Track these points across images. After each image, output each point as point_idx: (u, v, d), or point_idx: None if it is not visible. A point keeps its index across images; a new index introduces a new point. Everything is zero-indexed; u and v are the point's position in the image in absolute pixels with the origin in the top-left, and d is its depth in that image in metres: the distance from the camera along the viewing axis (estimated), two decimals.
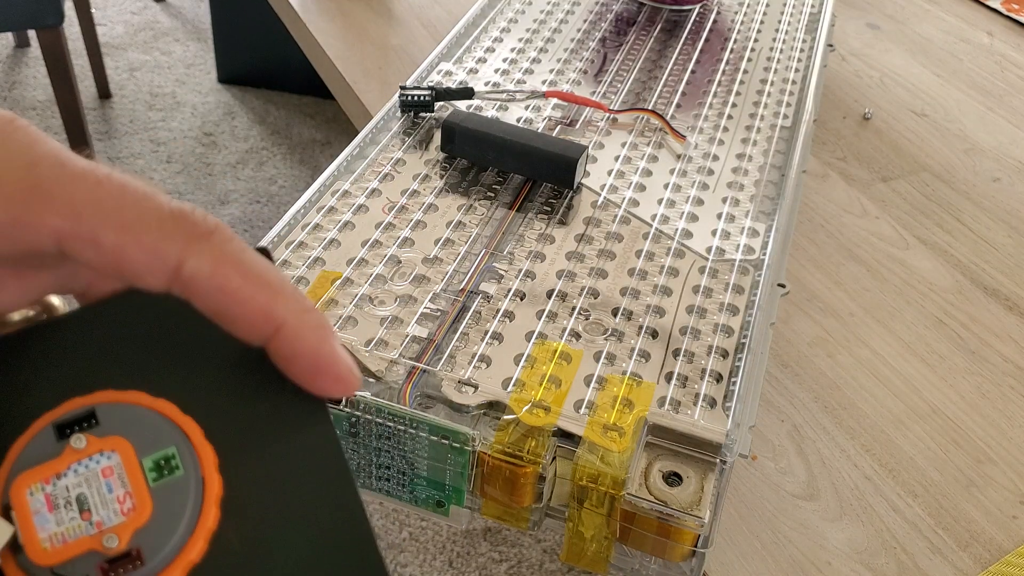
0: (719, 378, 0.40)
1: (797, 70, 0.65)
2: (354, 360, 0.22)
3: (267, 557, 0.20)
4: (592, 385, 0.39)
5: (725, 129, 0.58)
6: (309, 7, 0.80)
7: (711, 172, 0.53)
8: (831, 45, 0.72)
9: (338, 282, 0.43)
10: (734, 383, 0.40)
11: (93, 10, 1.83)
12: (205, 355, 0.21)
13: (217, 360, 0.21)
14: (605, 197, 0.51)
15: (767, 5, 0.74)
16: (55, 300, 0.23)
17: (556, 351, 0.40)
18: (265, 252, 0.22)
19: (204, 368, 0.21)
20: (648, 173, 0.53)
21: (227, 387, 0.21)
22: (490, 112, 0.57)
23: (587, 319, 0.42)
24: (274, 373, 0.21)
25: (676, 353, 0.41)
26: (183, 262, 0.20)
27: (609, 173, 0.52)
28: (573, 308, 0.43)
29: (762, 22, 0.71)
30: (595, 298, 0.44)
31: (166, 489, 0.20)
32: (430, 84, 0.58)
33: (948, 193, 0.66)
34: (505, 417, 0.37)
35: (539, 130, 0.55)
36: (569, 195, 0.51)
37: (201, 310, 0.20)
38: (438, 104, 0.56)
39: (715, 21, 0.71)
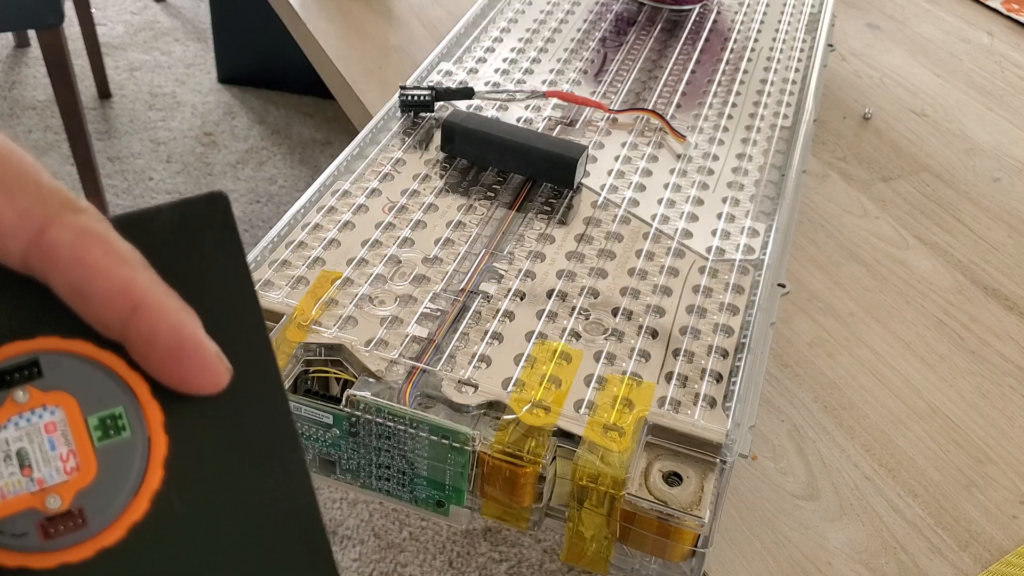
0: (719, 378, 0.40)
1: (797, 70, 0.65)
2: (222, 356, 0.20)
3: (209, 519, 0.20)
4: (592, 385, 0.39)
5: (725, 129, 0.58)
6: (309, 7, 0.80)
7: (711, 172, 0.53)
8: (831, 45, 0.72)
9: (338, 282, 0.43)
10: (734, 383, 0.40)
11: (93, 10, 1.83)
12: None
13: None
14: (605, 197, 0.51)
15: (767, 5, 0.74)
16: None
17: (556, 351, 0.40)
18: (222, 197, 0.21)
19: None
20: (648, 173, 0.53)
21: None
22: (490, 112, 0.57)
23: (587, 319, 0.42)
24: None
25: (676, 353, 0.41)
26: (47, 228, 0.19)
27: (609, 173, 0.52)
28: (573, 308, 0.43)
29: (762, 22, 0.71)
30: (595, 298, 0.44)
31: (111, 449, 0.19)
32: (430, 84, 0.58)
33: (948, 193, 0.66)
34: (505, 417, 0.37)
35: (539, 130, 0.55)
36: (569, 195, 0.51)
37: (57, 290, 0.19)
38: (438, 104, 0.56)
39: (715, 21, 0.71)
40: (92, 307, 0.19)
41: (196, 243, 0.21)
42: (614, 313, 0.43)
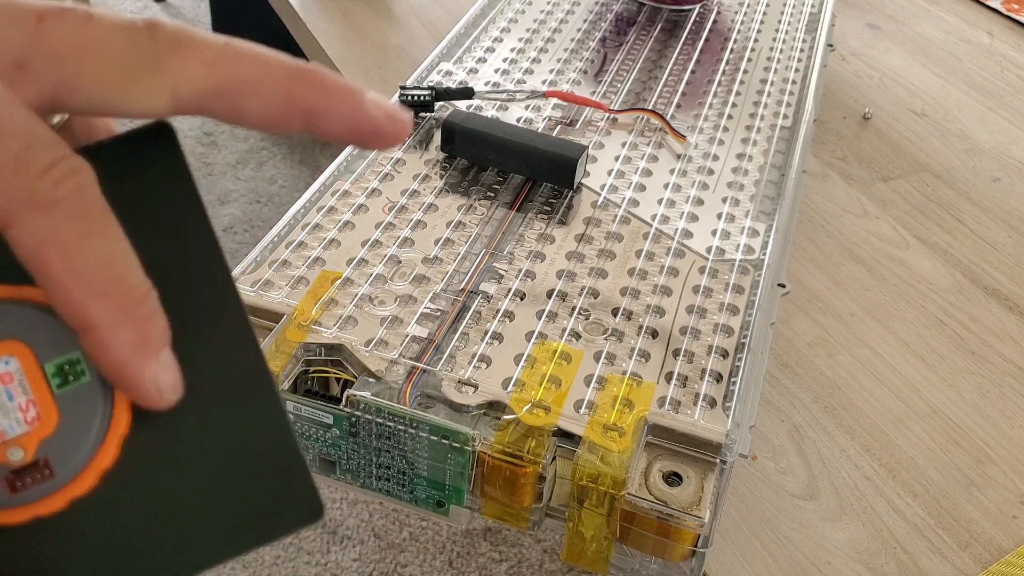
0: (719, 378, 0.40)
1: (797, 70, 0.65)
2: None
3: (181, 459, 0.19)
4: (592, 385, 0.39)
5: (725, 129, 0.58)
6: (309, 7, 0.80)
7: (711, 172, 0.53)
8: (831, 45, 0.72)
9: (338, 282, 0.43)
10: (734, 383, 0.40)
11: None
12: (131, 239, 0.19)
13: (141, 252, 0.19)
14: (605, 197, 0.51)
15: (767, 5, 0.74)
16: None
17: (556, 351, 0.40)
18: (167, 127, 0.20)
19: None
20: (648, 173, 0.53)
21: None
22: (490, 112, 0.57)
23: (587, 319, 0.42)
24: (177, 250, 0.20)
25: (676, 353, 0.41)
26: (7, 227, 0.17)
27: (609, 173, 0.52)
28: (573, 308, 0.43)
29: (762, 22, 0.71)
30: (595, 298, 0.44)
31: (72, 395, 0.19)
32: (430, 84, 0.58)
33: (948, 193, 0.66)
34: (505, 417, 0.37)
35: (539, 130, 0.55)
36: (569, 195, 0.51)
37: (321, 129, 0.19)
38: (438, 104, 0.56)
39: (715, 21, 0.71)
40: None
41: (145, 173, 0.20)
42: (614, 313, 0.43)
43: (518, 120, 0.56)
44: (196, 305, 0.20)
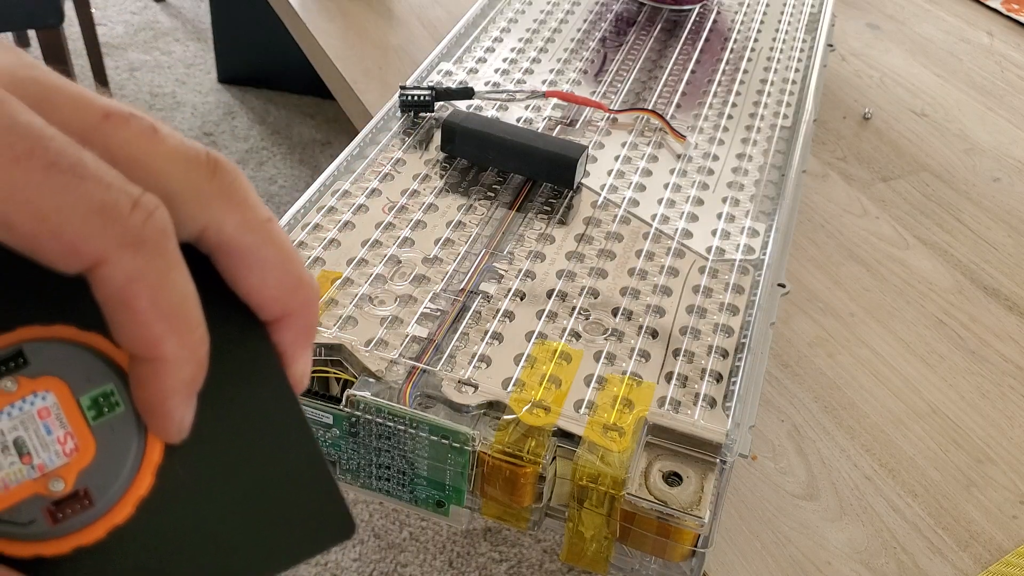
0: (719, 378, 0.40)
1: (797, 70, 0.65)
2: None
3: (215, 484, 0.20)
4: (592, 385, 0.39)
5: (725, 129, 0.58)
6: (309, 7, 0.80)
7: (711, 172, 0.53)
8: (831, 45, 0.72)
9: (338, 282, 0.43)
10: (734, 383, 0.40)
11: (93, 10, 1.83)
12: None
13: None
14: (605, 197, 0.51)
15: (767, 5, 0.74)
16: None
17: (556, 351, 0.40)
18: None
19: None
20: (648, 173, 0.53)
21: None
22: (490, 112, 0.57)
23: (587, 319, 0.42)
24: (214, 299, 0.20)
25: (676, 353, 0.41)
26: (98, 266, 0.18)
27: (609, 173, 0.52)
28: (573, 308, 0.43)
29: (762, 22, 0.71)
30: (595, 298, 0.44)
31: (107, 426, 0.19)
32: (430, 84, 0.58)
33: (948, 193, 0.66)
34: (505, 417, 0.37)
35: (539, 130, 0.55)
36: (569, 195, 0.51)
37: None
38: (438, 104, 0.56)
39: (715, 21, 0.71)
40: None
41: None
42: (614, 313, 0.43)
43: (518, 120, 0.56)
44: (221, 335, 0.20)
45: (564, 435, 0.37)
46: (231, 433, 0.20)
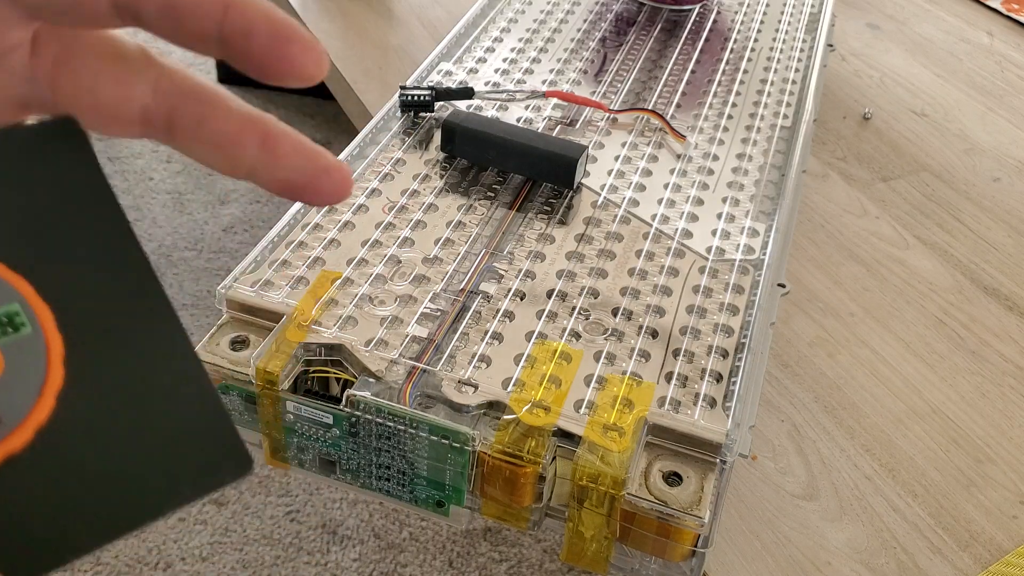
0: (719, 378, 0.40)
1: (797, 70, 0.65)
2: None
3: (112, 418, 0.20)
4: (592, 385, 0.39)
5: (725, 129, 0.58)
6: (309, 7, 0.80)
7: (711, 172, 0.53)
8: (831, 45, 0.72)
9: (338, 282, 0.43)
10: (734, 383, 0.40)
11: None
12: (43, 212, 0.20)
13: (56, 221, 0.20)
14: (605, 197, 0.51)
15: (767, 5, 0.74)
16: None
17: (556, 351, 0.40)
18: (71, 121, 0.21)
19: (37, 225, 0.20)
20: (648, 173, 0.53)
21: (60, 247, 0.20)
22: (490, 112, 0.57)
23: (587, 319, 0.42)
24: (106, 240, 0.20)
25: (676, 353, 0.41)
26: None
27: (609, 173, 0.52)
28: (573, 308, 0.43)
29: (762, 22, 0.71)
30: (595, 298, 0.44)
31: (14, 346, 0.19)
32: (430, 84, 0.58)
33: (948, 193, 0.66)
34: (505, 417, 0.37)
35: (539, 130, 0.55)
36: (569, 195, 0.51)
37: (148, 18, 0.19)
38: (438, 104, 0.56)
39: (715, 21, 0.71)
40: (186, 20, 0.19)
41: (52, 158, 0.21)
42: (614, 313, 0.43)
43: (518, 120, 0.56)
44: (106, 264, 0.21)
45: (564, 435, 0.37)
46: (124, 368, 0.20)
